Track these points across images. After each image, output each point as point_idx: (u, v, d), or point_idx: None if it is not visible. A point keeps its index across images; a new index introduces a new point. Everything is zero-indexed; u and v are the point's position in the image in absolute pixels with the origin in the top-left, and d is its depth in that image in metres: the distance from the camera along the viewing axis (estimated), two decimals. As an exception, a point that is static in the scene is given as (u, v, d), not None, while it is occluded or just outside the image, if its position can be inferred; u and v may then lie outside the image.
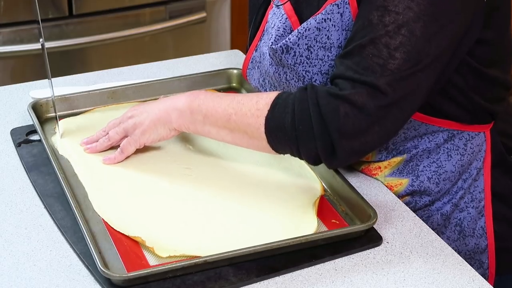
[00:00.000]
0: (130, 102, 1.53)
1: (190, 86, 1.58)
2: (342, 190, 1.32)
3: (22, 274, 1.16)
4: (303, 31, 1.30)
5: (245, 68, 1.47)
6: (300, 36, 1.31)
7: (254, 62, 1.44)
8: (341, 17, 1.28)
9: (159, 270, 1.13)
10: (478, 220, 1.39)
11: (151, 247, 1.18)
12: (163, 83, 1.57)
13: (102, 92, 1.53)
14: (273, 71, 1.37)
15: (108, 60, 2.51)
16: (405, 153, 1.37)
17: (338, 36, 1.29)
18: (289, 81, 1.35)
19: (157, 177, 1.34)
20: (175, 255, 1.17)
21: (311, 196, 1.31)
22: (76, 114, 1.50)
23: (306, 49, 1.31)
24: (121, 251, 1.18)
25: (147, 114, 1.34)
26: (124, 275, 1.12)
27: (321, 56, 1.31)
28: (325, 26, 1.29)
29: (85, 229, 1.18)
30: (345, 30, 1.29)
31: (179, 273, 1.14)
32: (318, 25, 1.29)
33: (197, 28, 2.62)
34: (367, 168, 1.40)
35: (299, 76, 1.33)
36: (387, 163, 1.38)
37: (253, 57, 1.44)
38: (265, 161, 1.39)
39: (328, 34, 1.29)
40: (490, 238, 1.40)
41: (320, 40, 1.30)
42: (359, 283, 1.17)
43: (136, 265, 1.16)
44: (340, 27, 1.29)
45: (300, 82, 1.33)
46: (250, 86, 1.57)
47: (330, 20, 1.29)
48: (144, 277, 1.13)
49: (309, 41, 1.30)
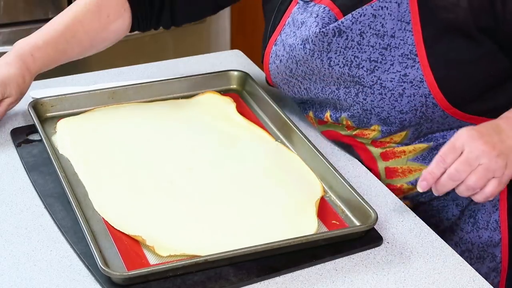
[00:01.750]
0: (131, 103, 1.53)
1: (191, 87, 1.58)
2: (343, 191, 1.31)
3: (23, 274, 1.16)
4: (358, 16, 1.32)
5: (267, 65, 1.47)
6: (354, 21, 1.32)
7: (274, 57, 1.45)
8: (398, 7, 1.30)
9: (160, 269, 1.13)
10: (492, 213, 1.39)
11: (152, 246, 1.18)
12: (164, 83, 1.57)
13: (103, 92, 1.52)
14: (314, 57, 1.37)
15: (108, 60, 2.50)
16: (432, 141, 1.38)
17: (392, 26, 1.30)
18: (333, 67, 1.36)
19: (158, 176, 1.34)
20: (176, 254, 1.17)
21: (311, 197, 1.31)
22: (77, 114, 1.50)
23: (359, 34, 1.33)
24: (122, 250, 1.18)
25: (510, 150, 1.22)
26: (125, 274, 1.12)
27: (373, 43, 1.32)
28: (381, 14, 1.31)
29: (85, 228, 1.18)
30: (400, 21, 1.30)
31: (179, 272, 1.14)
32: (375, 12, 1.31)
33: (197, 28, 2.62)
34: (392, 150, 1.40)
35: (346, 61, 1.34)
36: (412, 147, 1.39)
37: (273, 52, 1.45)
38: (266, 162, 1.39)
39: (383, 22, 1.31)
40: (504, 232, 1.40)
41: (374, 27, 1.31)
42: (359, 283, 1.17)
43: (137, 264, 1.16)
44: (396, 17, 1.30)
45: (346, 67, 1.35)
46: (250, 88, 1.57)
47: (387, 8, 1.30)
48: (144, 276, 1.13)
49: (362, 27, 1.32)
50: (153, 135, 1.45)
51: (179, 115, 1.50)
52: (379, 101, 1.34)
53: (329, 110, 1.44)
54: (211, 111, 1.52)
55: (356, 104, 1.37)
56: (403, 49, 1.30)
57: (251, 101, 1.58)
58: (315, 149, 1.39)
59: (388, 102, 1.33)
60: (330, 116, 1.43)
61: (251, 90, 1.58)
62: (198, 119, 1.50)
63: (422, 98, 1.31)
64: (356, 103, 1.37)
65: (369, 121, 1.38)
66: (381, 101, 1.34)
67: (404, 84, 1.31)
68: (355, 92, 1.36)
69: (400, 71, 1.31)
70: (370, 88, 1.34)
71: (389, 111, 1.34)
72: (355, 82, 1.35)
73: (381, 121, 1.36)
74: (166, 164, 1.37)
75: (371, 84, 1.33)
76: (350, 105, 1.38)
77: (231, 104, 1.54)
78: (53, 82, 1.65)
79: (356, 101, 1.37)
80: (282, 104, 1.56)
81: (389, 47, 1.31)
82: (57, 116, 1.48)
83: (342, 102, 1.39)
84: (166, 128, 1.47)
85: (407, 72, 1.30)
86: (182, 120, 1.49)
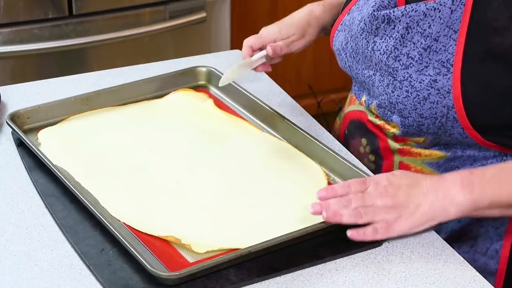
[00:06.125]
0: (104, 108, 1.52)
1: (161, 86, 1.59)
2: (346, 172, 1.34)
3: (23, 274, 1.16)
4: (410, 10, 1.31)
5: (334, 30, 1.49)
6: (405, 13, 1.32)
7: (343, 25, 1.46)
8: (451, 13, 1.28)
9: (209, 265, 1.14)
10: (495, 241, 1.37)
11: (188, 245, 1.19)
12: (134, 85, 1.57)
13: (76, 100, 1.52)
14: (362, 36, 1.39)
15: (108, 60, 2.51)
16: (450, 152, 1.37)
17: (439, 29, 1.29)
18: (375, 52, 1.37)
19: (163, 177, 1.34)
20: (213, 250, 1.19)
21: (317, 181, 1.34)
22: (53, 123, 1.48)
23: (405, 28, 1.32)
24: (156, 252, 1.19)
25: (417, 208, 1.20)
26: (177, 273, 1.12)
27: (415, 40, 1.32)
28: (432, 15, 1.30)
29: (119, 235, 1.18)
30: (448, 27, 1.29)
31: (223, 266, 1.16)
32: (427, 11, 1.30)
33: (197, 28, 2.62)
34: (409, 149, 1.40)
35: (387, 50, 1.35)
36: (429, 152, 1.39)
37: (344, 20, 1.46)
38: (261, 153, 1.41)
39: (432, 23, 1.30)
40: (502, 264, 1.38)
41: (421, 25, 1.31)
42: (360, 283, 1.17)
43: (177, 263, 1.17)
44: (445, 22, 1.29)
45: (385, 55, 1.35)
46: (216, 82, 1.57)
47: (439, 11, 1.29)
48: (193, 274, 1.14)
49: (411, 22, 1.32)
50: (141, 137, 1.45)
51: (160, 115, 1.52)
52: (404, 98, 1.33)
53: (364, 95, 1.45)
54: (190, 108, 1.54)
55: (384, 94, 1.36)
56: (442, 55, 1.29)
57: (223, 95, 1.60)
58: (309, 135, 1.41)
59: (412, 102, 1.32)
60: (365, 102, 1.44)
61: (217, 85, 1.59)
62: (180, 118, 1.51)
63: (444, 109, 1.29)
64: (385, 93, 1.36)
65: (392, 115, 1.37)
66: (406, 98, 1.33)
67: (431, 90, 1.30)
68: (387, 82, 1.35)
69: (432, 75, 1.30)
70: (399, 83, 1.33)
71: (410, 111, 1.33)
72: (389, 72, 1.35)
73: (401, 120, 1.35)
74: (166, 165, 1.37)
75: (401, 79, 1.33)
76: (380, 93, 1.38)
77: (207, 100, 1.56)
78: (54, 82, 1.65)
79: (386, 91, 1.36)
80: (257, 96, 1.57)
81: (429, 49, 1.30)
82: (35, 128, 1.47)
83: (375, 89, 1.39)
84: (152, 129, 1.48)
85: (438, 79, 1.29)
86: (164, 120, 1.51)
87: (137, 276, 1.15)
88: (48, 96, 1.57)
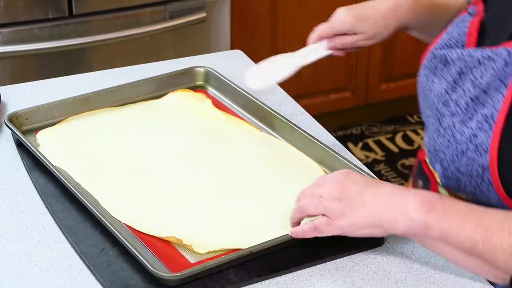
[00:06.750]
0: (102, 108, 1.52)
1: (158, 87, 1.59)
2: None
3: (23, 274, 1.16)
4: (466, 54, 1.22)
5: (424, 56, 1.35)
6: (461, 57, 1.22)
7: (428, 52, 1.34)
8: (505, 66, 1.17)
9: (211, 265, 1.14)
10: None
11: (189, 245, 1.19)
12: (132, 86, 1.57)
13: (75, 100, 1.52)
14: (423, 73, 1.30)
15: (108, 60, 2.51)
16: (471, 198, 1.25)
17: (489, 81, 1.18)
18: (431, 91, 1.28)
19: (163, 178, 1.34)
20: (215, 250, 1.19)
21: None
22: (52, 124, 1.48)
23: (457, 73, 1.23)
24: (157, 253, 1.19)
25: (363, 207, 1.13)
26: (178, 274, 1.12)
27: (466, 88, 1.21)
28: (487, 64, 1.19)
29: (120, 236, 1.18)
30: (499, 80, 1.17)
31: (224, 267, 1.16)
32: (482, 59, 1.20)
33: (197, 28, 2.62)
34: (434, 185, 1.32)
35: (440, 92, 1.26)
36: (447, 190, 1.30)
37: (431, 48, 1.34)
38: (262, 154, 1.41)
39: (484, 72, 1.19)
40: None
41: (473, 73, 1.20)
42: (360, 283, 1.17)
43: (178, 264, 1.17)
44: (497, 73, 1.17)
45: (436, 98, 1.26)
46: (217, 83, 1.55)
47: (494, 61, 1.18)
48: (195, 275, 1.14)
49: (465, 68, 1.22)
50: (140, 137, 1.45)
51: (158, 116, 1.52)
52: (445, 148, 1.24)
53: (426, 133, 1.36)
54: (189, 109, 1.53)
55: (432, 139, 1.28)
56: (487, 109, 1.18)
57: (221, 95, 1.59)
58: (308, 135, 1.41)
59: (451, 154, 1.23)
60: (424, 141, 1.36)
61: (218, 84, 1.59)
62: (179, 118, 1.51)
63: (479, 168, 1.18)
64: (432, 138, 1.28)
65: (435, 164, 1.29)
66: (447, 148, 1.24)
67: (470, 144, 1.19)
68: (435, 127, 1.27)
69: (474, 129, 1.19)
70: (444, 130, 1.24)
71: (449, 163, 1.24)
72: (437, 117, 1.26)
73: (442, 171, 1.26)
74: (165, 165, 1.37)
75: (446, 127, 1.24)
76: (429, 137, 1.30)
77: (205, 100, 1.56)
78: (54, 82, 1.65)
79: (433, 136, 1.27)
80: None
81: (477, 100, 1.19)
82: (34, 129, 1.47)
83: (428, 131, 1.31)
84: (151, 129, 1.48)
85: (478, 134, 1.18)
86: (163, 120, 1.50)
87: (137, 276, 1.15)
88: (48, 96, 1.57)
